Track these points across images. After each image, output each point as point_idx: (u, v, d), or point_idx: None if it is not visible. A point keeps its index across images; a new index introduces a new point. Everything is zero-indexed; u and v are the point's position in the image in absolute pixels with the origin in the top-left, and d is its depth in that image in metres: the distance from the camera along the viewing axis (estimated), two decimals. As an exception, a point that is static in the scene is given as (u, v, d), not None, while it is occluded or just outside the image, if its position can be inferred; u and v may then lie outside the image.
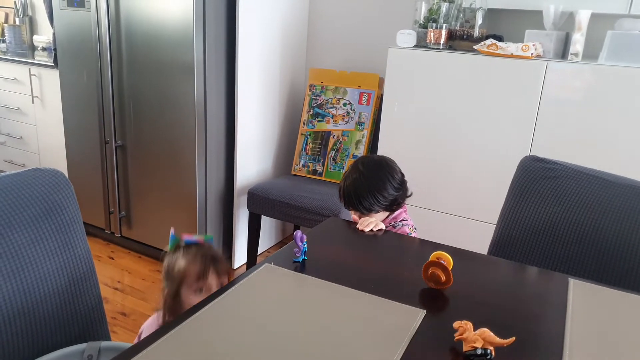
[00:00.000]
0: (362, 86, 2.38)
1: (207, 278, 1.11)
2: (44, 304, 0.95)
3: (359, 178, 1.35)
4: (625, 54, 1.71)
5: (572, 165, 1.33)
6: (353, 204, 1.36)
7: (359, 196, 1.33)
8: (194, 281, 1.11)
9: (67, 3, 2.35)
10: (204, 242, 1.18)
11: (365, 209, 1.34)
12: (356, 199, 1.34)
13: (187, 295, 1.12)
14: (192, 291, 1.12)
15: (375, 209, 1.35)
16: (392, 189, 1.35)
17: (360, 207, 1.34)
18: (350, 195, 1.35)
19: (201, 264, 1.11)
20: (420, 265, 0.93)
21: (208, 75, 2.14)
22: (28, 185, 0.96)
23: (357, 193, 1.34)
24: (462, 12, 2.04)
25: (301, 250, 0.99)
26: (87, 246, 1.06)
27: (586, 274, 1.22)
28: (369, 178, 1.34)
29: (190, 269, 1.11)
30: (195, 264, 1.12)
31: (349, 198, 1.36)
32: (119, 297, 2.17)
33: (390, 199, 1.35)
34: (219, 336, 0.75)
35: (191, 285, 1.11)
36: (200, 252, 1.14)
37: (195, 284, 1.11)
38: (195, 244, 1.16)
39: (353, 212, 1.41)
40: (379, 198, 1.33)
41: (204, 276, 1.10)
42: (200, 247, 1.16)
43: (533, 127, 1.84)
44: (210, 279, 1.12)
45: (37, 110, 2.96)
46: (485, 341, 0.72)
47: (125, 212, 2.49)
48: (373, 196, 1.33)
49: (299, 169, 2.50)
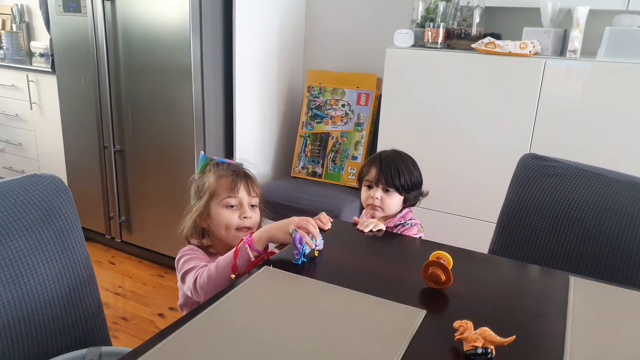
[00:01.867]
0: (361, 87, 2.38)
1: (238, 191, 1.11)
2: (43, 310, 0.95)
3: (397, 155, 1.40)
4: (623, 50, 1.71)
5: (571, 163, 1.33)
6: (389, 174, 1.36)
7: (398, 168, 1.36)
8: (225, 192, 1.10)
9: (63, 8, 2.36)
10: (234, 162, 1.19)
11: (398, 182, 1.36)
12: (395, 169, 1.36)
13: (217, 211, 1.11)
14: (222, 205, 1.11)
15: (406, 186, 1.37)
16: (417, 176, 1.40)
17: (397, 179, 1.35)
18: (390, 165, 1.36)
19: (232, 176, 1.12)
20: (420, 265, 0.93)
21: (205, 78, 2.14)
22: (26, 191, 0.96)
23: (396, 165, 1.37)
24: (459, 11, 2.04)
25: (300, 252, 0.98)
26: (87, 251, 1.06)
27: (587, 272, 1.22)
28: (406, 159, 1.40)
29: (222, 181, 1.12)
30: (226, 177, 1.12)
31: (388, 167, 1.36)
32: (120, 302, 2.17)
33: (414, 183, 1.38)
34: (219, 340, 0.75)
35: (222, 198, 1.11)
36: (232, 167, 1.15)
37: (226, 196, 1.10)
38: (227, 164, 1.17)
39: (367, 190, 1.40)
40: (411, 177, 1.37)
41: (235, 188, 1.10)
42: (231, 165, 1.17)
43: (532, 124, 1.84)
44: (241, 194, 1.11)
45: (35, 116, 2.96)
46: (485, 340, 0.72)
47: (125, 217, 2.49)
48: (409, 173, 1.37)
49: (299, 170, 2.50)
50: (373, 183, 1.38)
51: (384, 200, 1.36)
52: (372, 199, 1.37)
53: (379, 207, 1.37)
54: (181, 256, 1.13)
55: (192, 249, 1.15)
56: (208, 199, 1.13)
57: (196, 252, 1.14)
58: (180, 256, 1.13)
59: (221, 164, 1.18)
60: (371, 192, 1.38)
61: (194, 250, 1.15)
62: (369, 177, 1.39)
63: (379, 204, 1.36)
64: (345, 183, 2.38)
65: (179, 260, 1.13)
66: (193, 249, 1.15)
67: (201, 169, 1.18)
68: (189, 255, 1.12)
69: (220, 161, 1.18)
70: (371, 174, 1.38)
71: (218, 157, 1.19)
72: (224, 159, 1.19)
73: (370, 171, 1.39)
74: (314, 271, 0.97)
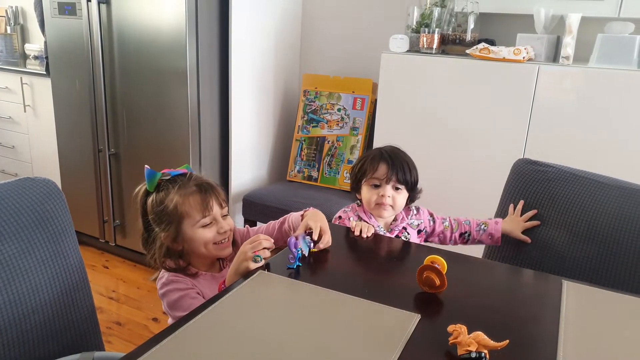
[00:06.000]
0: (356, 91, 2.39)
1: (211, 209, 1.01)
2: (36, 314, 0.94)
3: (399, 151, 1.33)
4: (615, 56, 1.73)
5: (565, 168, 1.34)
6: (402, 170, 1.27)
7: (407, 164, 1.29)
8: (198, 214, 1.01)
9: (58, 11, 2.35)
10: (188, 171, 1.06)
11: (410, 178, 1.28)
12: (405, 165, 1.28)
13: (193, 232, 1.01)
14: (198, 227, 1.01)
15: (413, 182, 1.30)
16: (415, 173, 1.32)
17: (408, 174, 1.27)
18: (399, 160, 1.28)
19: (200, 193, 1.01)
20: (415, 269, 0.93)
21: (201, 81, 2.14)
22: (19, 194, 0.95)
23: (404, 161, 1.29)
24: (454, 17, 2.06)
25: (295, 256, 0.99)
26: (80, 255, 1.05)
27: (580, 275, 1.22)
28: (405, 154, 1.33)
29: (191, 201, 1.00)
30: (194, 196, 1.01)
31: (398, 163, 1.27)
32: (114, 306, 2.16)
33: (416, 180, 1.32)
34: (213, 345, 0.74)
35: (196, 220, 1.01)
36: (194, 182, 1.03)
37: (200, 217, 1.01)
38: (182, 176, 1.04)
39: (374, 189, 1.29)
40: (416, 173, 1.31)
41: (207, 207, 1.00)
42: (189, 177, 1.04)
43: (526, 129, 1.85)
44: (214, 210, 1.02)
45: (29, 119, 2.94)
46: (479, 344, 0.72)
47: (119, 221, 2.48)
48: (414, 168, 1.31)
49: (294, 174, 2.50)
50: (383, 181, 1.27)
51: (395, 198, 1.27)
52: (384, 197, 1.26)
53: (390, 205, 1.27)
54: (164, 293, 1.04)
55: (172, 280, 1.05)
56: (179, 222, 1.03)
57: (177, 282, 1.05)
58: (163, 292, 1.05)
59: (178, 178, 1.05)
60: (380, 190, 1.27)
61: (174, 282, 1.05)
62: (378, 175, 1.27)
63: (391, 203, 1.27)
64: (341, 187, 2.39)
65: (162, 296, 1.05)
66: (173, 280, 1.05)
67: (152, 187, 1.05)
68: (169, 288, 1.03)
69: (173, 175, 1.05)
70: (380, 171, 1.27)
71: (167, 171, 1.05)
72: (175, 171, 1.05)
73: (379, 169, 1.28)
74: (308, 275, 0.97)
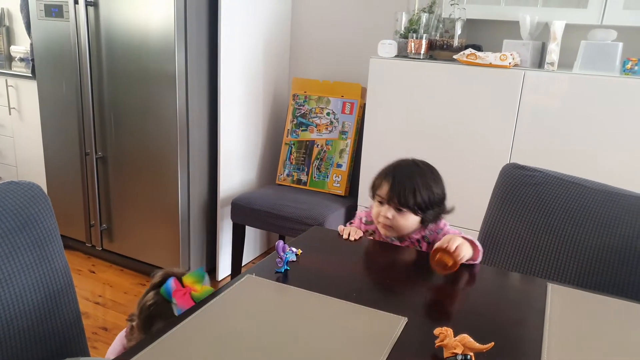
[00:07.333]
0: (345, 96, 2.40)
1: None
2: (20, 319, 0.92)
3: (416, 168, 1.24)
4: (598, 63, 1.76)
5: (551, 172, 1.36)
6: (402, 193, 1.19)
7: (414, 186, 1.19)
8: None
9: (45, 13, 2.33)
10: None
11: (413, 202, 1.19)
12: (409, 187, 1.19)
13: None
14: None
15: (423, 205, 1.19)
16: (439, 192, 1.23)
17: (411, 198, 1.18)
18: (404, 181, 1.19)
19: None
20: (403, 273, 0.94)
21: (190, 85, 2.13)
22: (2, 198, 0.94)
23: (412, 181, 1.20)
24: (441, 23, 2.08)
25: (283, 260, 0.99)
26: (65, 260, 1.04)
27: (566, 279, 1.24)
28: (424, 172, 1.23)
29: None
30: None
31: (401, 185, 1.19)
32: (100, 311, 2.13)
33: (433, 201, 1.21)
34: (199, 349, 0.74)
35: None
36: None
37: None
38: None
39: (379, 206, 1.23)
40: (430, 195, 1.20)
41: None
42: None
43: (512, 134, 1.88)
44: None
45: (14, 122, 2.90)
46: (465, 347, 0.73)
47: (106, 225, 2.45)
48: (427, 189, 1.20)
49: (284, 178, 2.50)
50: (385, 200, 1.22)
51: (396, 219, 1.20)
52: (384, 217, 1.21)
53: (389, 226, 1.22)
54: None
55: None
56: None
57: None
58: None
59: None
60: (382, 209, 1.22)
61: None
62: (381, 193, 1.22)
63: (390, 224, 1.21)
64: (330, 191, 2.39)
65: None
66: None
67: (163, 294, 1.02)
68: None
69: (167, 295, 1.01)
70: (382, 189, 1.22)
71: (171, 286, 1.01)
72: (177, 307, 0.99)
73: (382, 186, 1.22)
74: (296, 279, 0.97)
